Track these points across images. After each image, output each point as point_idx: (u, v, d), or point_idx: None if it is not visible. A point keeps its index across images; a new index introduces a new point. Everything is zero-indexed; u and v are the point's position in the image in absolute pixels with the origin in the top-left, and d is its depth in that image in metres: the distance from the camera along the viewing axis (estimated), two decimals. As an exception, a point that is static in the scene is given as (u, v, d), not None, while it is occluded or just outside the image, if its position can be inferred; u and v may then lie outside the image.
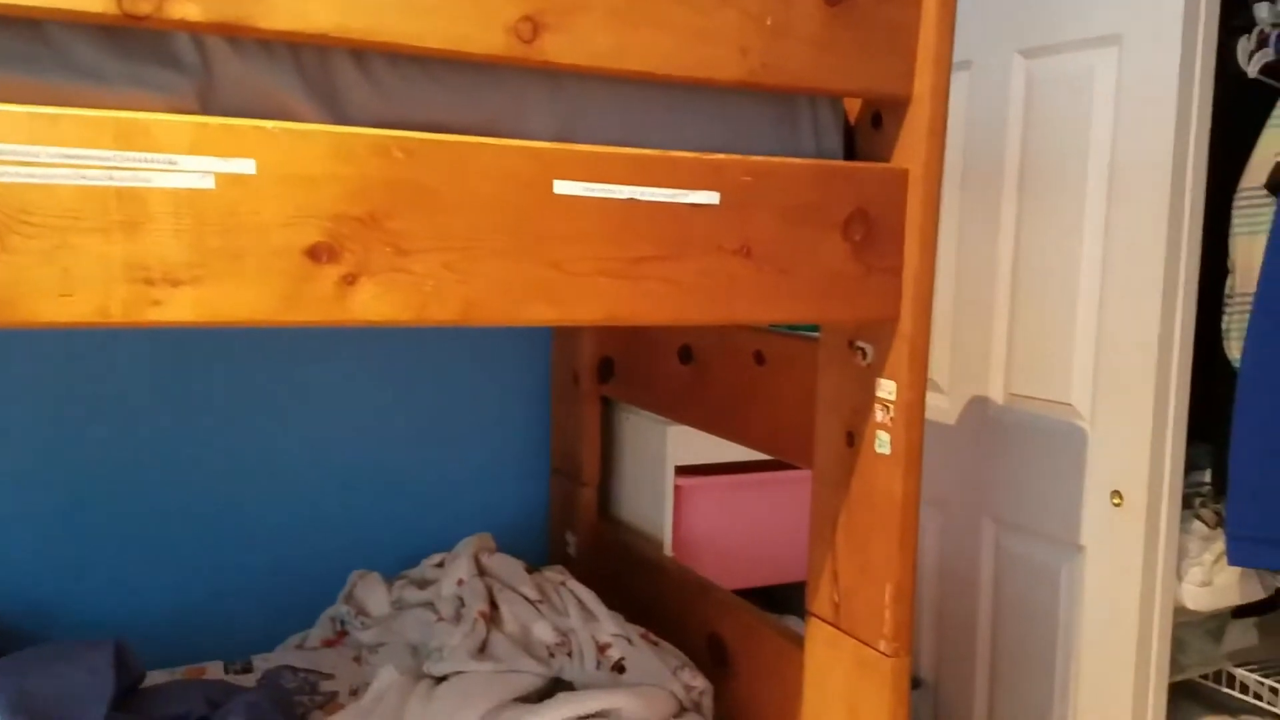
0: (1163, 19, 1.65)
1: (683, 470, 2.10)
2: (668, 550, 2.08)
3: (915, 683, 2.21)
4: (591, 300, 1.09)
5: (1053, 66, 1.87)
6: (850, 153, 1.36)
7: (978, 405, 2.09)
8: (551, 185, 1.08)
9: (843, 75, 1.20)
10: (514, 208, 1.06)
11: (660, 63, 1.11)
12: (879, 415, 1.35)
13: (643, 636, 1.70)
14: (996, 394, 2.05)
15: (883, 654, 1.35)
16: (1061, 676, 1.91)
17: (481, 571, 1.84)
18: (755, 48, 1.14)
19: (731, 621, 1.73)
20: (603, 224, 1.09)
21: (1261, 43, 1.76)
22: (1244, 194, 1.77)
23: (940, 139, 1.26)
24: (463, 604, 1.75)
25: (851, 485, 1.41)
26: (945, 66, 1.24)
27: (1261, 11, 1.79)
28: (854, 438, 1.40)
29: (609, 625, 1.68)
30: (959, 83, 2.07)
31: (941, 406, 2.18)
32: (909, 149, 1.27)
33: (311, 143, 1.00)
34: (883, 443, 1.35)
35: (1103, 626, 1.81)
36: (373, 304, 1.01)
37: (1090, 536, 1.84)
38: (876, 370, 1.35)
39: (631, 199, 1.10)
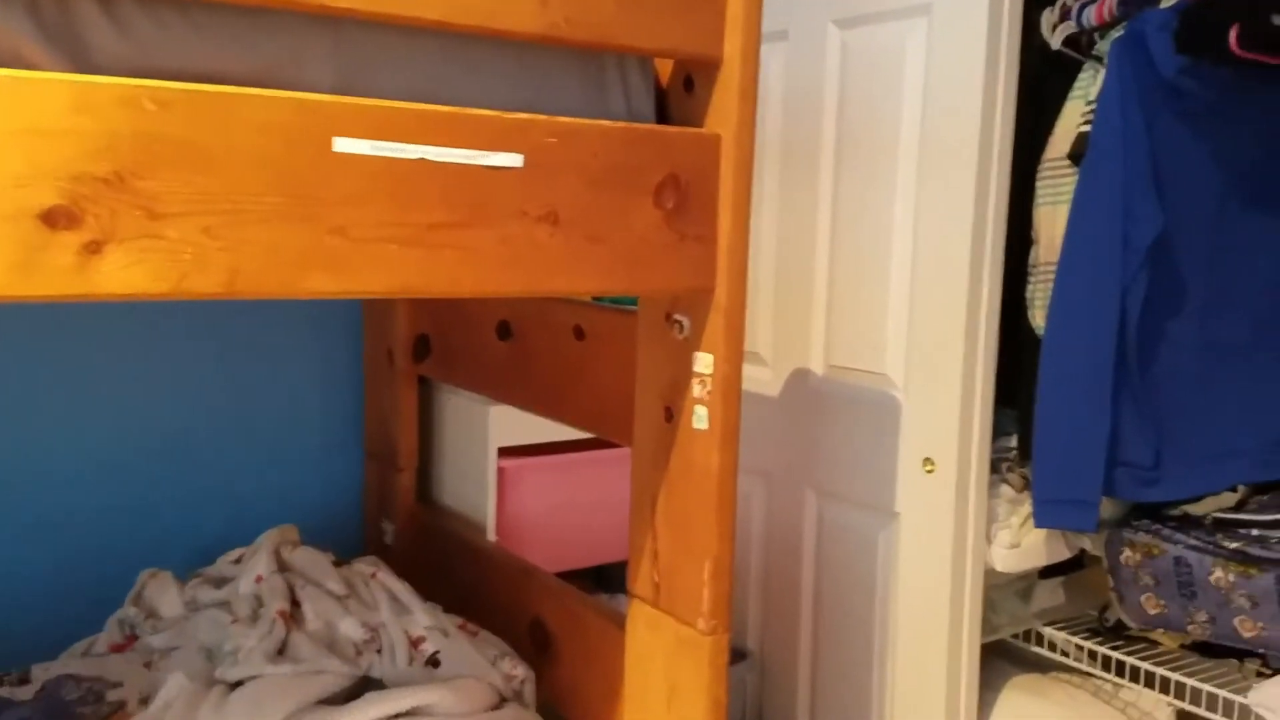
0: (969, -9, 1.67)
1: (506, 451, 2.02)
2: (491, 535, 2.00)
3: (742, 654, 2.21)
4: (378, 270, 1.00)
5: (866, 37, 1.87)
6: (663, 117, 1.31)
7: (799, 377, 2.09)
8: (331, 142, 0.98)
9: (649, 33, 1.14)
10: (287, 167, 0.96)
11: (453, 11, 1.02)
12: (696, 390, 1.31)
13: (460, 627, 1.62)
14: (817, 366, 2.05)
15: (701, 632, 1.31)
16: (880, 641, 1.94)
17: (283, 567, 1.71)
18: (556, 0, 1.07)
19: (554, 606, 1.67)
20: (390, 186, 1.00)
21: (1064, 15, 1.81)
22: (1048, 165, 1.82)
23: (752, 104, 1.22)
24: (261, 603, 1.62)
25: (670, 462, 1.36)
26: (754, 29, 1.20)
27: (1064, -15, 1.84)
28: (672, 413, 1.35)
29: (422, 618, 1.59)
30: (777, 52, 2.06)
31: (765, 379, 2.17)
32: (721, 114, 1.23)
33: (47, 93, 0.87)
34: (700, 418, 1.31)
35: (917, 591, 1.85)
36: (121, 275, 0.89)
37: (905, 503, 1.87)
38: (694, 344, 1.31)
39: (422, 159, 1.02)
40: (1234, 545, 1.69)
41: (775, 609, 2.18)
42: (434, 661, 1.54)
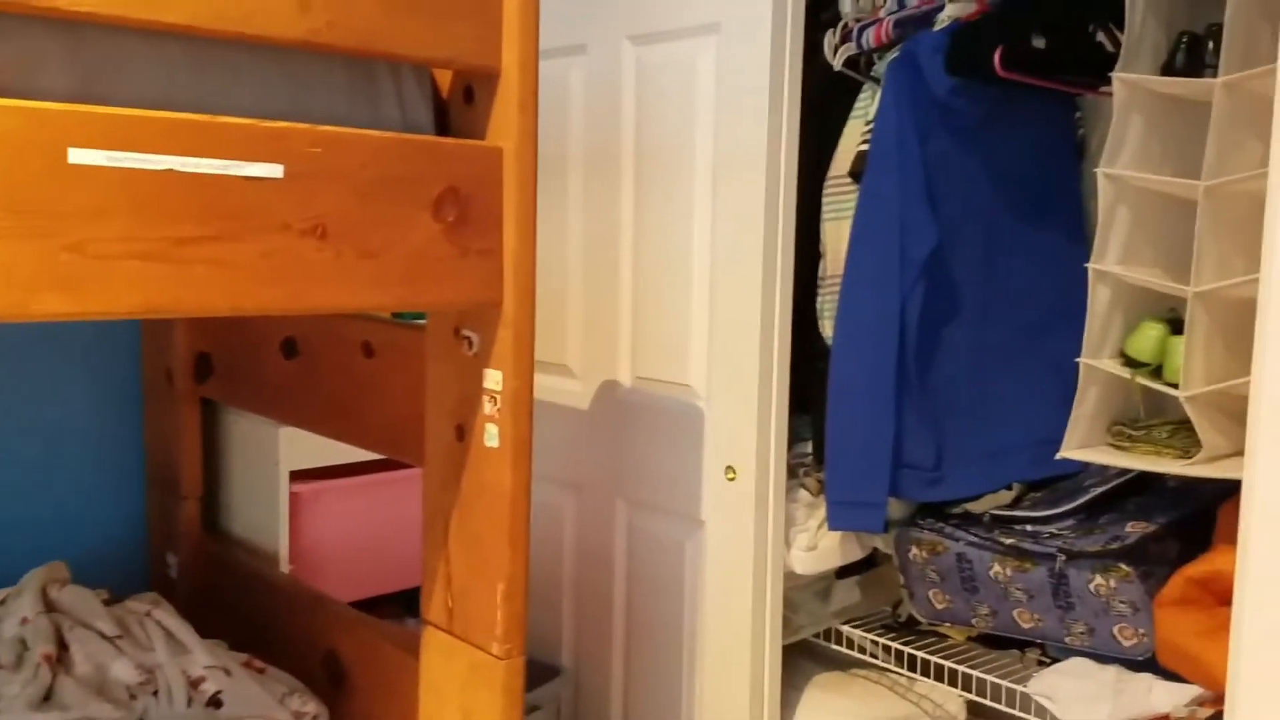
0: (754, 9, 1.71)
1: (300, 475, 1.93)
2: (284, 565, 1.91)
3: (556, 671, 2.19)
4: (122, 288, 0.93)
5: (660, 53, 1.89)
6: (445, 129, 1.28)
7: (608, 389, 2.09)
8: (66, 153, 0.90)
9: (419, 41, 1.11)
10: (16, 179, 0.88)
11: (202, 15, 0.96)
12: (487, 407, 1.28)
13: (246, 665, 1.53)
14: (625, 377, 2.06)
15: (496, 657, 1.28)
16: (689, 647, 1.96)
17: (50, 607, 1.58)
18: (318, 4, 1.02)
19: (348, 637, 1.60)
20: (133, 199, 0.93)
21: (846, 37, 1.88)
22: (832, 182, 1.89)
23: (532, 116, 1.21)
24: (25, 646, 1.49)
25: (462, 482, 1.33)
26: (532, 40, 1.19)
27: (845, 6, 1.91)
28: (463, 431, 1.32)
29: (202, 656, 1.49)
30: (576, 66, 2.05)
31: (575, 391, 2.17)
32: (502, 126, 1.21)
33: None
34: (491, 435, 1.28)
35: (722, 596, 1.88)
36: None
37: (709, 511, 1.90)
38: (483, 360, 1.28)
39: (170, 170, 0.95)
40: (1009, 541, 1.79)
41: (588, 622, 2.17)
42: (216, 702, 1.45)
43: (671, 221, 1.92)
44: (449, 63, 1.16)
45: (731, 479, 1.86)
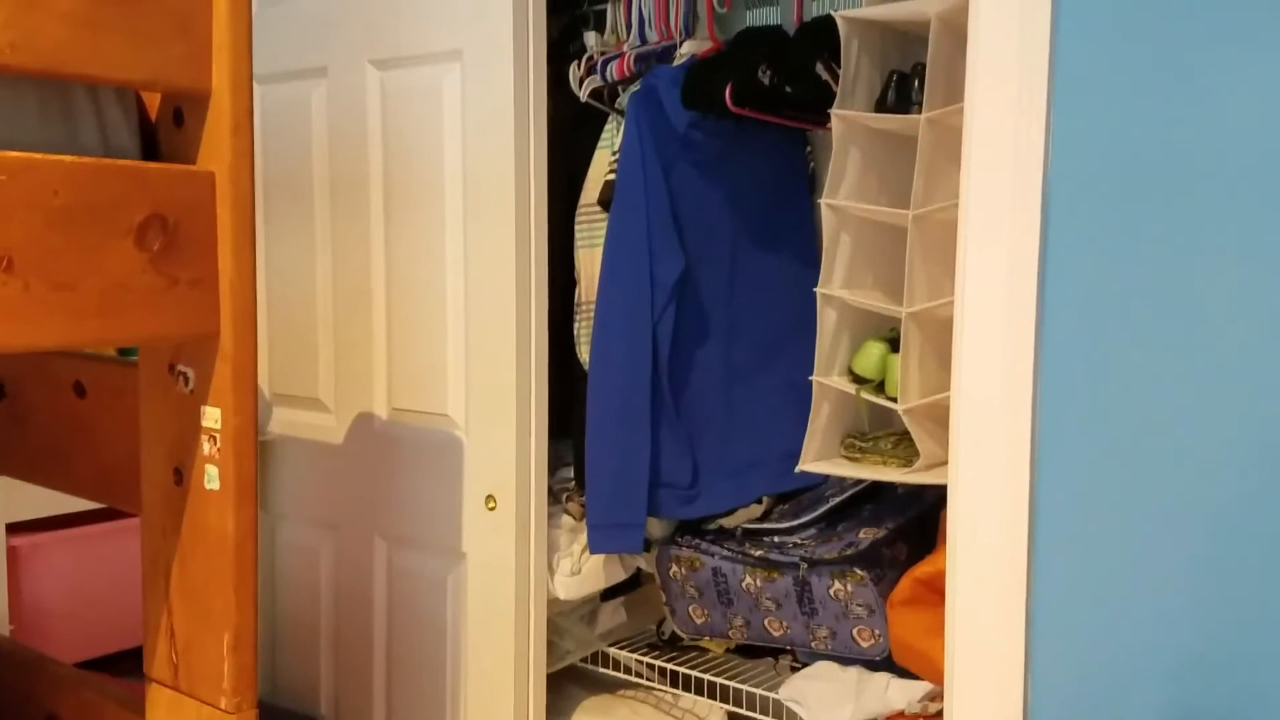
0: (495, 38, 1.72)
1: (19, 527, 1.77)
2: (4, 625, 1.74)
3: (314, 720, 2.10)
4: None
5: (405, 79, 1.87)
6: (154, 153, 1.21)
7: (364, 422, 2.03)
8: None
9: (116, 62, 1.05)
10: None
11: None
12: (206, 447, 1.22)
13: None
14: (381, 410, 2.01)
15: (224, 711, 1.21)
16: (453, 684, 1.92)
17: None
18: (-8, 20, 0.95)
19: (70, 698, 1.48)
20: None
21: (591, 69, 1.92)
22: (583, 210, 1.92)
23: (246, 138, 1.16)
24: None
25: (183, 528, 1.25)
26: (244, 59, 1.14)
27: (589, 39, 1.95)
28: (182, 474, 1.25)
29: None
30: (318, 89, 2.00)
31: (329, 426, 2.09)
32: (213, 149, 1.16)
33: None
34: (211, 477, 1.21)
35: (484, 628, 1.85)
36: None
37: (470, 542, 1.87)
38: (201, 397, 1.22)
39: None
40: (759, 553, 1.86)
41: (348, 667, 2.09)
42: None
43: (424, 249, 1.89)
44: (151, 84, 1.10)
45: (492, 508, 1.84)
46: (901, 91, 1.71)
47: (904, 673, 1.75)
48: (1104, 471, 1.25)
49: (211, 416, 1.20)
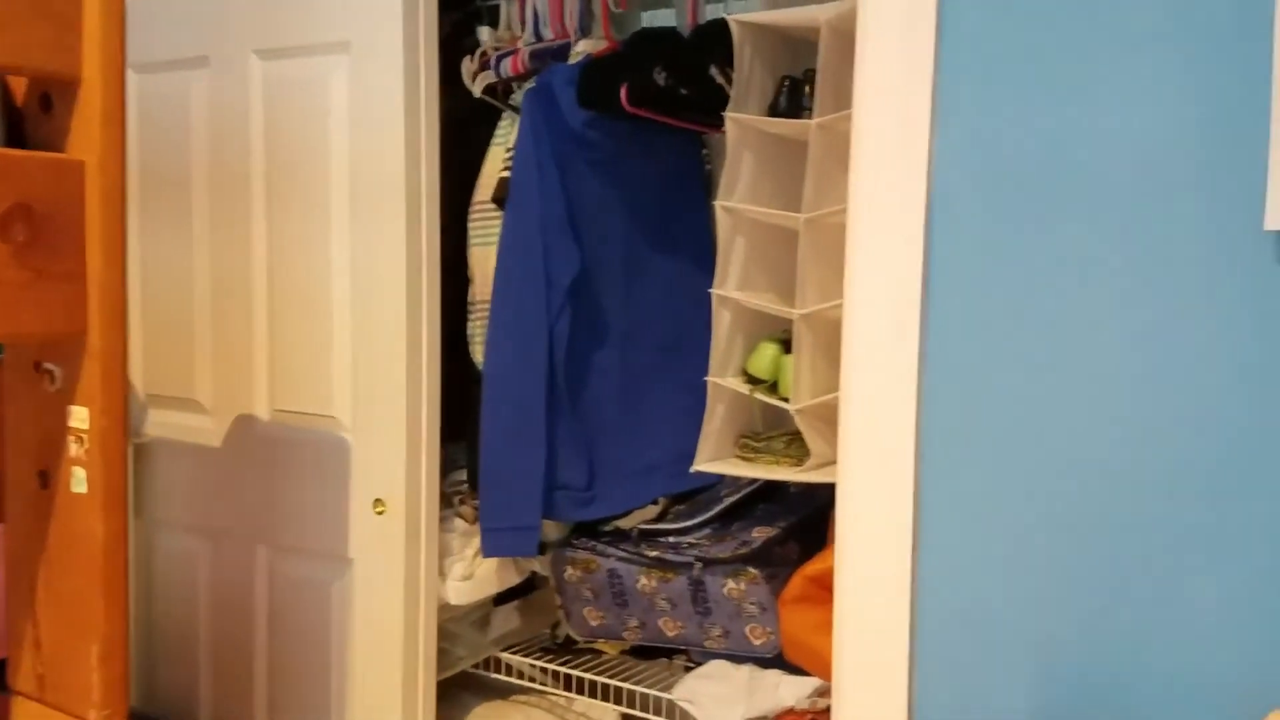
0: (385, 30, 1.68)
1: None
2: None
3: (194, 734, 2.01)
4: None
5: (290, 70, 1.81)
6: (21, 140, 1.15)
7: (244, 424, 1.96)
8: None
9: (-26, 40, 0.99)
10: None
11: None
12: (74, 449, 1.15)
13: None
14: (262, 411, 1.94)
15: (92, 726, 1.15)
16: (338, 694, 1.87)
17: None
18: None
19: (-79, 721, 1.38)
20: None
21: (484, 64, 1.89)
22: (477, 207, 1.89)
23: (118, 128, 1.11)
24: None
25: (49, 534, 1.19)
26: (116, 45, 1.09)
27: (483, 34, 1.92)
28: (48, 477, 1.18)
29: None
30: (198, 80, 1.92)
31: (207, 428, 2.01)
32: (83, 138, 1.10)
33: None
34: (79, 480, 1.15)
35: (371, 637, 1.81)
36: None
37: (358, 548, 1.83)
38: (67, 396, 1.15)
39: None
40: (654, 554, 1.86)
41: (229, 678, 2.01)
42: None
43: (308, 245, 1.84)
44: (15, 69, 1.04)
45: (381, 512, 1.80)
46: (793, 97, 1.74)
47: (796, 670, 1.77)
48: (984, 468, 1.28)
49: (79, 416, 1.14)
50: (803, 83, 1.73)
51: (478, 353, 1.92)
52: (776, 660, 1.79)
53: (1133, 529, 1.20)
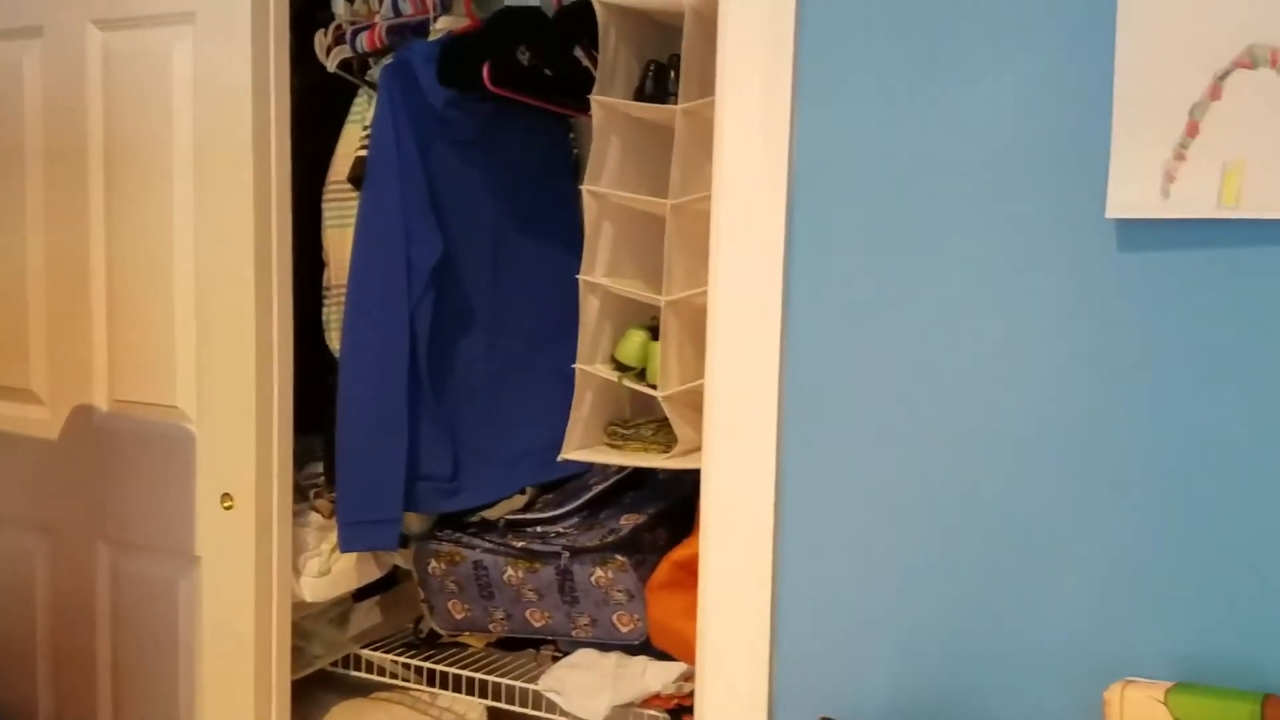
0: (231, 1, 1.59)
1: None
2: None
3: (27, 747, 1.89)
4: None
5: (131, 40, 1.71)
6: None
7: (82, 415, 1.85)
8: None
9: None
10: None
11: None
12: None
13: None
14: (101, 401, 1.83)
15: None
16: (187, 696, 1.78)
17: None
18: None
19: None
20: None
21: (339, 38, 1.82)
22: (332, 188, 1.82)
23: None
24: None
25: None
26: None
27: (338, 7, 1.85)
28: None
29: None
30: (30, 50, 1.80)
31: (42, 419, 1.89)
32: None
33: None
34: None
35: (221, 636, 1.73)
36: None
37: (205, 545, 1.74)
38: None
39: None
40: (522, 544, 1.83)
41: (69, 682, 1.90)
42: None
43: (150, 226, 1.74)
44: None
45: (229, 507, 1.72)
46: (659, 82, 1.72)
47: (664, 656, 1.77)
48: (845, 456, 1.30)
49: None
50: (668, 67, 1.72)
51: (334, 340, 1.85)
52: (644, 647, 1.78)
53: (991, 511, 1.23)
